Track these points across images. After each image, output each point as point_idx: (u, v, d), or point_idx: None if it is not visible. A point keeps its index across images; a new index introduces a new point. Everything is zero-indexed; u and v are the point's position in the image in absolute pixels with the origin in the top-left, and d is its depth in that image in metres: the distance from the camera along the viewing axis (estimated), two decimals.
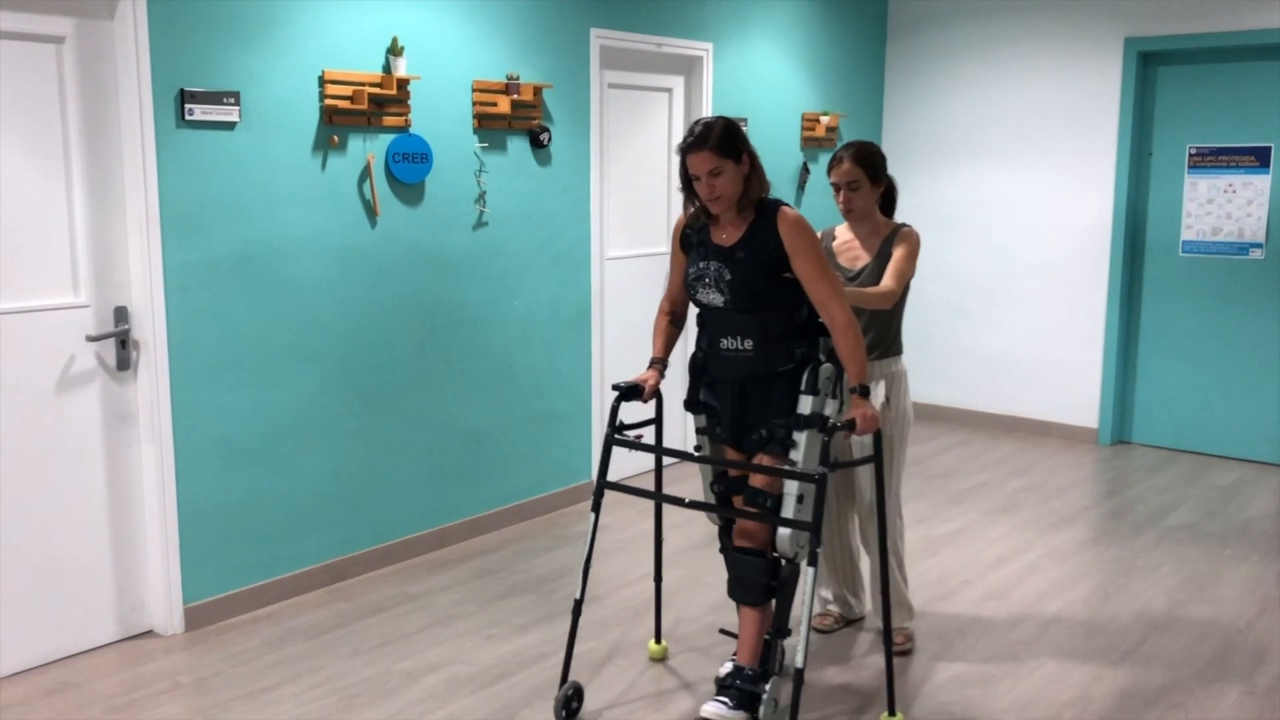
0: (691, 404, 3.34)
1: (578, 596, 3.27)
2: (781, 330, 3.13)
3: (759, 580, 3.15)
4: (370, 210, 4.30)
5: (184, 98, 3.69)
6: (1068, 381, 6.66)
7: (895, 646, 3.63)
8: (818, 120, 6.52)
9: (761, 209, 3.11)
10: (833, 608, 3.96)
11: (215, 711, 3.32)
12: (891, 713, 3.24)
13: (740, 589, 3.19)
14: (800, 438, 3.04)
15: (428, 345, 4.57)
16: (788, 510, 3.03)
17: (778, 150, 6.29)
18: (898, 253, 3.58)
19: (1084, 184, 6.47)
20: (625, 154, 5.52)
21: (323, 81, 4.08)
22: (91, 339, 3.62)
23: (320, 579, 4.26)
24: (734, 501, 3.25)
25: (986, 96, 6.79)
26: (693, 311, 3.33)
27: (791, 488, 3.04)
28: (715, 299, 3.15)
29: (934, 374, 7.15)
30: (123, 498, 3.77)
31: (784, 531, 3.03)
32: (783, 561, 3.17)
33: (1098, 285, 6.48)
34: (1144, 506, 5.35)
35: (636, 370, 3.44)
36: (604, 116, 5.31)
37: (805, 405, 3.09)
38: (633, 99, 5.54)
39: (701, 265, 3.17)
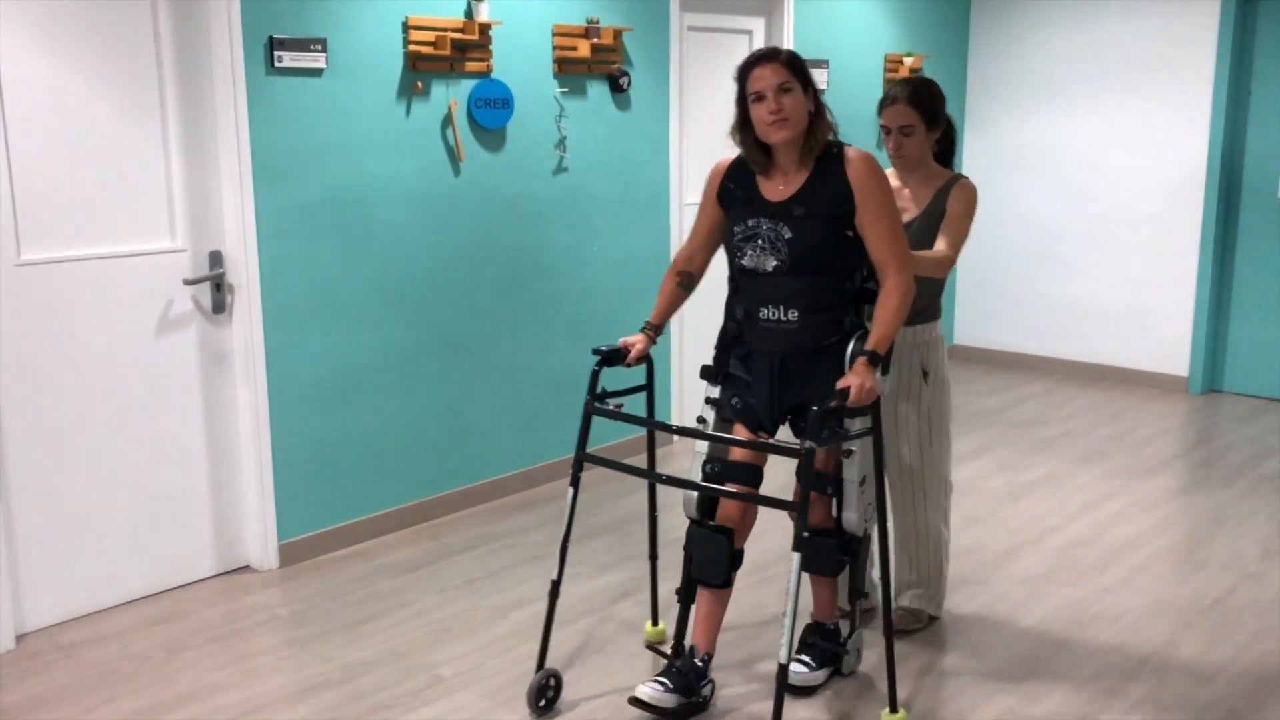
0: (710, 373, 3.05)
1: (554, 577, 3.01)
2: (831, 300, 2.81)
3: (831, 557, 2.99)
4: (453, 156, 4.34)
5: (273, 45, 3.75)
6: (1157, 329, 6.50)
7: (896, 623, 3.34)
8: (900, 62, 6.39)
9: (823, 156, 2.80)
10: None
11: (311, 643, 3.44)
12: (893, 709, 2.94)
13: (814, 566, 3.04)
14: (855, 424, 2.82)
15: (510, 290, 4.62)
16: (850, 496, 2.88)
17: (859, 94, 6.18)
18: (952, 213, 3.14)
19: (1177, 125, 6.27)
20: (704, 98, 5.48)
21: (406, 27, 4.11)
22: (188, 282, 3.73)
23: (408, 518, 4.37)
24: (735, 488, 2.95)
25: (1076, 36, 6.58)
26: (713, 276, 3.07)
27: (852, 474, 2.86)
28: (767, 262, 2.81)
29: (1017, 321, 7.03)
30: (220, 437, 3.89)
31: (850, 513, 2.91)
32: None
33: (1190, 230, 6.29)
34: (1236, 455, 5.22)
35: (715, 318, 3.38)
36: (684, 60, 5.27)
37: None
38: (712, 41, 5.49)
39: (751, 223, 2.83)
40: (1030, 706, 3.05)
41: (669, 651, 3.13)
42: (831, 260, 2.78)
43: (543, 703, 3.03)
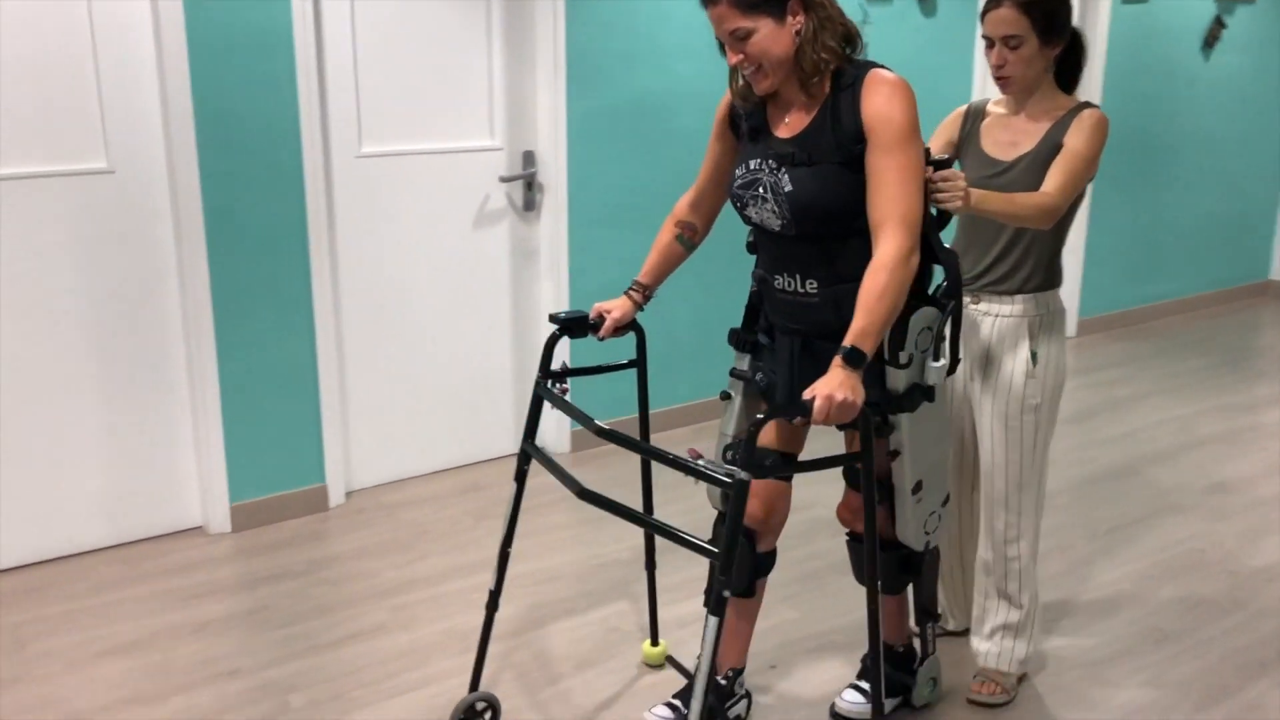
0: (737, 340, 2.51)
1: (492, 587, 2.49)
2: (861, 266, 2.11)
3: (889, 573, 2.48)
4: None
5: None
6: None
7: (975, 694, 2.74)
8: None
9: (840, 80, 2.13)
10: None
11: (602, 522, 3.67)
12: None
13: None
14: (902, 419, 2.23)
15: None
16: (902, 506, 2.31)
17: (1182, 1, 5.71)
18: (1069, 148, 2.45)
19: None
20: None
21: None
22: (504, 180, 3.96)
23: (685, 418, 4.54)
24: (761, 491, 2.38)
25: None
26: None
27: (901, 479, 2.27)
28: (770, 219, 2.22)
29: None
30: (523, 328, 4.15)
31: (904, 525, 2.34)
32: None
33: None
34: None
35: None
36: None
37: (897, 379, 2.20)
38: None
39: (754, 166, 2.23)
40: None
41: (691, 669, 2.75)
42: (845, 219, 2.16)
43: None
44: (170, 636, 2.99)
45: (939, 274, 2.29)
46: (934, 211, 2.24)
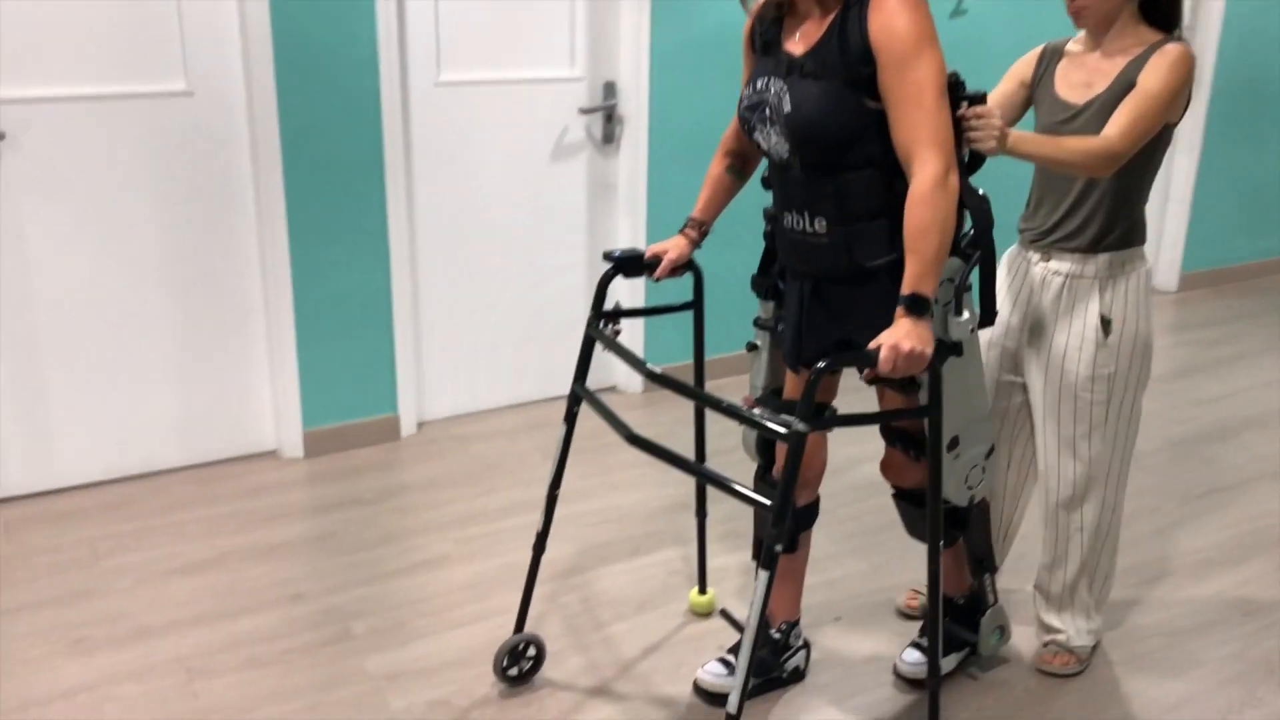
0: (759, 285, 2.42)
1: (540, 528, 2.42)
2: (874, 203, 2.02)
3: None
4: None
5: None
6: None
7: (1045, 665, 2.60)
8: None
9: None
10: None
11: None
12: None
13: (917, 533, 2.40)
14: (922, 378, 2.09)
15: None
16: (944, 463, 2.16)
17: None
18: (1140, 88, 2.17)
19: None
20: None
21: None
22: (584, 111, 3.88)
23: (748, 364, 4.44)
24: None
25: None
26: None
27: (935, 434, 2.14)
28: (778, 145, 2.06)
29: None
30: (599, 264, 4.09)
31: (945, 479, 2.18)
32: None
33: None
34: None
35: None
36: None
37: None
38: None
39: (760, 86, 2.07)
40: None
41: (743, 623, 2.66)
42: (850, 147, 1.99)
43: (513, 670, 2.50)
44: (239, 558, 3.03)
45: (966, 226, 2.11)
46: (965, 154, 2.06)
